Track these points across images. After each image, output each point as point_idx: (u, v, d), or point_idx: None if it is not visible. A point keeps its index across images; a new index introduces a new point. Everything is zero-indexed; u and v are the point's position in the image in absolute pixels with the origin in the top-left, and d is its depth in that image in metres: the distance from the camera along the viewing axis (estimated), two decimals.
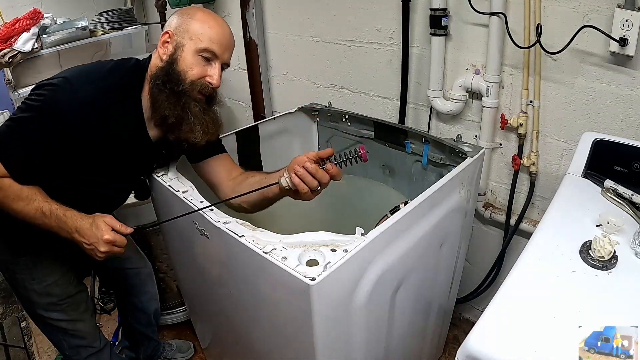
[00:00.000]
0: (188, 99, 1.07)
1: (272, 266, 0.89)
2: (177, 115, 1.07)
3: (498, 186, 1.64)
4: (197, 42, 1.06)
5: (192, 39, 1.06)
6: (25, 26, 1.77)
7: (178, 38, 1.07)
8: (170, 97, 1.06)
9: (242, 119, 2.45)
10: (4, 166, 1.02)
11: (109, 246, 1.05)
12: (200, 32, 1.06)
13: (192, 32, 1.06)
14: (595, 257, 0.83)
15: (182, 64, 1.06)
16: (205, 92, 1.10)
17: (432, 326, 1.50)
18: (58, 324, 1.34)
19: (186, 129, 1.08)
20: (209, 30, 1.07)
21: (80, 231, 1.05)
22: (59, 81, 1.02)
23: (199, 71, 1.07)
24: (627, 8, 1.12)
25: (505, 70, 1.44)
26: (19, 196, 1.04)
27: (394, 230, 1.01)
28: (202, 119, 1.09)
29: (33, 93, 1.05)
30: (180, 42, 1.07)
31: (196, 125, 1.08)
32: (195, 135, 1.09)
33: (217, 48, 1.07)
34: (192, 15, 1.08)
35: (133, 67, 1.12)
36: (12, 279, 1.27)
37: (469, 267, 1.81)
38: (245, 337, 1.26)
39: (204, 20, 1.08)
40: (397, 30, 1.63)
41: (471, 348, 0.71)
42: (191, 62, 1.06)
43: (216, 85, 1.10)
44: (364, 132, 1.65)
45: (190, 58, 1.06)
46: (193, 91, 1.07)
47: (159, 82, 1.07)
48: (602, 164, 1.08)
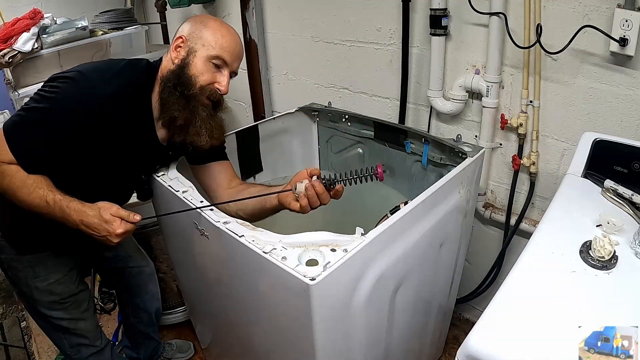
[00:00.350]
0: (196, 103, 1.10)
1: (272, 266, 0.89)
2: (186, 117, 1.10)
3: (498, 186, 1.64)
4: (209, 49, 1.10)
5: (205, 46, 1.10)
6: (25, 26, 1.77)
7: (191, 44, 1.11)
8: (180, 100, 1.09)
9: (242, 119, 2.45)
10: (12, 153, 1.02)
11: (121, 237, 1.06)
12: (213, 40, 1.10)
13: (204, 39, 1.10)
14: (595, 257, 0.83)
15: (194, 69, 1.10)
16: (213, 98, 1.13)
17: (432, 326, 1.50)
18: (60, 322, 1.34)
19: (193, 131, 1.12)
20: (221, 38, 1.11)
21: (89, 225, 1.05)
22: (74, 75, 1.05)
23: (209, 77, 1.11)
24: (627, 8, 1.12)
25: (505, 70, 1.43)
26: (24, 183, 1.04)
27: (394, 230, 1.01)
28: (209, 123, 1.12)
29: (47, 85, 1.06)
30: (193, 47, 1.10)
31: (202, 129, 1.12)
32: (201, 138, 1.12)
33: (227, 56, 1.11)
34: (205, 23, 1.12)
35: (145, 67, 1.15)
36: (14, 277, 1.28)
37: (469, 267, 1.81)
38: (245, 337, 1.26)
39: (217, 28, 1.12)
40: (397, 30, 1.63)
41: (471, 348, 0.71)
42: (202, 68, 1.10)
43: (224, 92, 1.14)
44: (364, 132, 1.65)
45: (201, 64, 1.10)
46: (202, 96, 1.11)
47: (170, 85, 1.10)
48: (602, 164, 1.08)
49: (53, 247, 1.26)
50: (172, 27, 2.62)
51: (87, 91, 1.03)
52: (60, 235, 1.25)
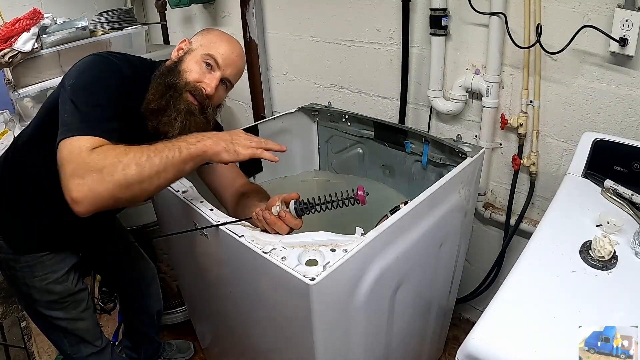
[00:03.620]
0: (176, 94, 1.10)
1: (271, 266, 0.89)
2: (160, 104, 1.10)
3: (498, 186, 1.64)
4: (203, 48, 1.14)
5: (201, 46, 1.15)
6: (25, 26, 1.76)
7: (191, 46, 1.17)
8: (159, 87, 1.11)
9: (242, 119, 2.45)
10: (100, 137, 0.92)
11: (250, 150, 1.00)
12: (209, 42, 1.15)
13: (203, 41, 1.16)
14: (595, 257, 0.83)
15: (185, 64, 1.13)
16: (196, 96, 1.11)
17: (432, 326, 1.50)
18: (59, 322, 1.34)
19: (165, 120, 1.10)
20: (219, 43, 1.15)
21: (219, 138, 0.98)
22: (103, 54, 1.08)
23: (198, 75, 1.12)
24: (627, 8, 1.12)
25: (505, 70, 1.43)
26: (130, 147, 0.92)
27: (394, 230, 1.01)
28: (185, 117, 1.10)
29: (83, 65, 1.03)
30: (192, 48, 1.16)
31: (177, 121, 1.09)
32: (174, 129, 1.09)
33: (220, 58, 1.13)
34: (210, 31, 1.19)
35: (150, 63, 1.20)
36: (13, 276, 1.27)
37: (469, 267, 1.81)
38: (245, 337, 1.26)
39: (219, 36, 1.17)
40: (397, 30, 1.63)
41: (471, 348, 0.71)
42: (193, 66, 1.12)
43: (208, 92, 1.11)
44: (364, 132, 1.65)
45: (193, 62, 1.13)
46: (184, 90, 1.10)
47: (158, 74, 1.13)
48: (602, 164, 1.08)
49: (52, 247, 1.26)
50: (172, 27, 2.62)
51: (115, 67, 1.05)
52: (60, 235, 1.26)
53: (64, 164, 0.88)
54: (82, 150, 0.88)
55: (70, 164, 0.87)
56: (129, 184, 0.88)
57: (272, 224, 0.97)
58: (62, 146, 0.90)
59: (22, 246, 1.23)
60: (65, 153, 0.89)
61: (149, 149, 0.92)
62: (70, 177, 0.86)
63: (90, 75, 1.02)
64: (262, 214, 0.98)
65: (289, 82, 2.16)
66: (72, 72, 1.03)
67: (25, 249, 1.23)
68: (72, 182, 0.86)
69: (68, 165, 0.87)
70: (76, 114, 0.95)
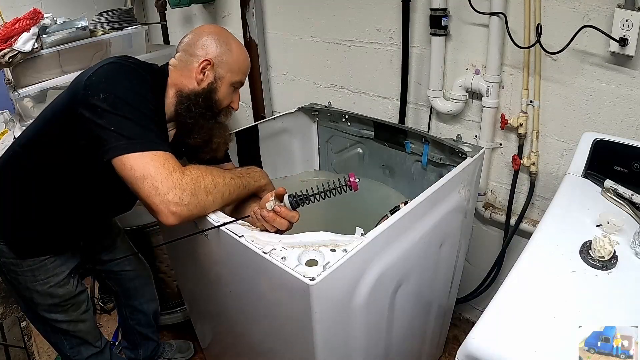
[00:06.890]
0: (217, 125, 1.18)
1: (271, 266, 0.89)
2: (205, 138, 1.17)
3: (498, 186, 1.64)
4: (234, 75, 1.16)
5: (231, 72, 1.15)
6: (25, 26, 1.76)
7: (218, 69, 1.14)
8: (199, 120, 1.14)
9: (242, 119, 2.45)
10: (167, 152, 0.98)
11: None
12: (237, 67, 1.16)
13: (231, 65, 1.15)
14: (595, 257, 0.82)
15: (220, 94, 1.16)
16: (227, 115, 1.22)
17: (432, 326, 1.50)
18: (60, 325, 1.34)
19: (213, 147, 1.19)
20: (243, 63, 1.18)
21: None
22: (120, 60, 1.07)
23: (230, 99, 1.19)
24: (627, 8, 1.12)
25: (505, 70, 1.43)
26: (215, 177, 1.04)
27: (394, 230, 1.01)
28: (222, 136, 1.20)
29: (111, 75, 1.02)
30: (220, 73, 1.14)
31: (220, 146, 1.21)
32: (220, 153, 1.24)
33: (245, 78, 1.21)
34: (229, 46, 1.15)
35: (159, 70, 1.17)
36: (14, 280, 1.26)
37: (469, 267, 1.81)
38: (245, 337, 1.26)
39: (239, 53, 1.17)
40: (397, 30, 1.63)
41: (471, 348, 0.71)
42: (226, 93, 1.17)
43: (236, 110, 1.22)
44: (364, 132, 1.65)
45: (225, 89, 1.16)
46: (220, 114, 1.19)
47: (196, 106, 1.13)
48: (602, 164, 1.08)
49: (53, 250, 1.26)
50: (172, 27, 2.62)
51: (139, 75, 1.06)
52: (61, 238, 1.26)
53: (146, 177, 0.93)
54: (170, 168, 0.95)
55: (157, 180, 0.93)
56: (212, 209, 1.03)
57: (271, 220, 0.99)
58: (132, 160, 0.94)
59: (24, 250, 1.22)
60: (142, 167, 0.94)
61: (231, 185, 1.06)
62: (165, 193, 0.93)
63: (124, 87, 1.01)
64: (260, 212, 1.00)
65: (288, 82, 2.16)
66: (97, 83, 1.00)
67: (28, 253, 1.23)
68: (168, 198, 0.93)
69: (153, 180, 0.93)
70: (133, 127, 0.97)
